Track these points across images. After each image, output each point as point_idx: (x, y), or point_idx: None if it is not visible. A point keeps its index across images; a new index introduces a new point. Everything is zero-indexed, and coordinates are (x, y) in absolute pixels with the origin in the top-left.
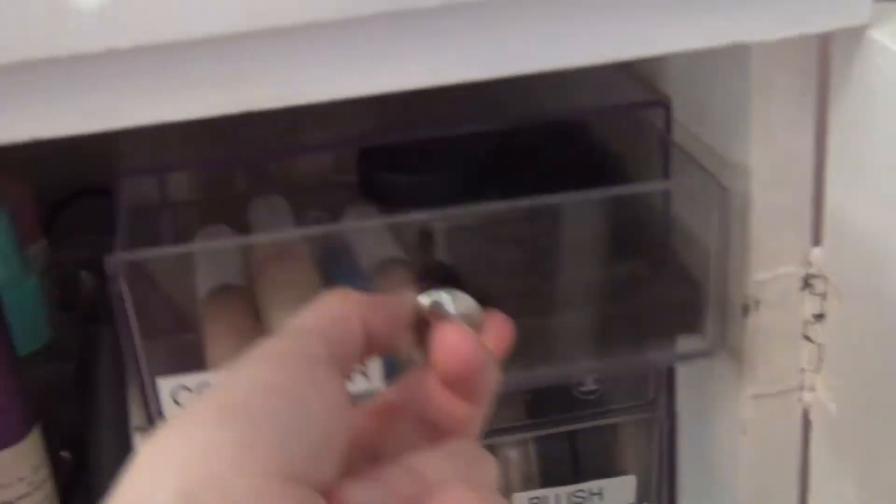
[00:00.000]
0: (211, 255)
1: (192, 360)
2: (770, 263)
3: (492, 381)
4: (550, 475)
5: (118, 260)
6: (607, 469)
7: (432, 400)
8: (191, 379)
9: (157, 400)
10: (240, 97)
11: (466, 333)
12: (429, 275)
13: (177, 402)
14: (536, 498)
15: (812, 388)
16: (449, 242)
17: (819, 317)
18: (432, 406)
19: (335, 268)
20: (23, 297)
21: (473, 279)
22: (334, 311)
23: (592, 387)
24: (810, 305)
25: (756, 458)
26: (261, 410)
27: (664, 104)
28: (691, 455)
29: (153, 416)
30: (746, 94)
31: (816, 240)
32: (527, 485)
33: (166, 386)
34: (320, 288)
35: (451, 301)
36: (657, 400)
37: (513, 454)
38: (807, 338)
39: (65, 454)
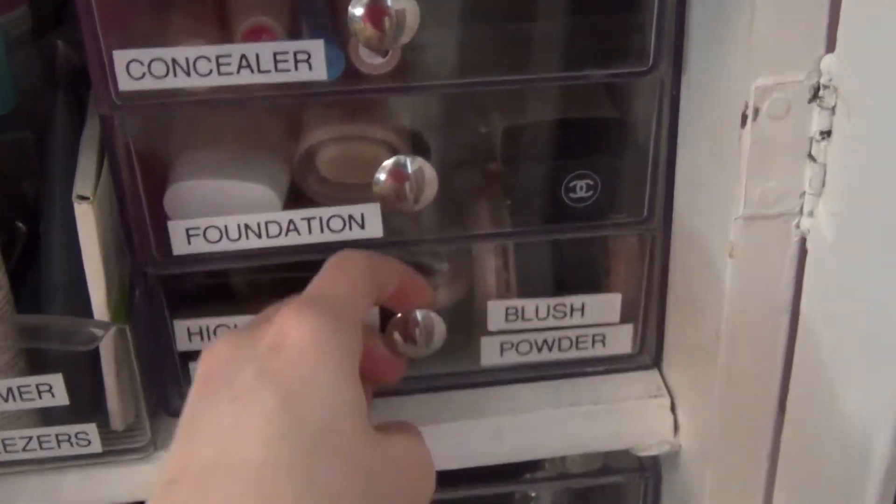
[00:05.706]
0: None
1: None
2: (775, 68)
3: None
4: (530, 286)
5: None
6: (592, 285)
7: None
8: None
9: (113, 74)
10: None
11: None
12: None
13: (131, 76)
14: (513, 308)
15: (811, 214)
16: None
17: (826, 134)
18: None
19: None
20: None
21: None
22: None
23: (584, 193)
24: (818, 120)
25: (744, 284)
26: (348, 372)
27: None
28: (677, 278)
29: (110, 93)
30: None
31: (830, 45)
32: (504, 294)
33: (121, 58)
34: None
35: None
36: (652, 215)
37: (491, 261)
38: (811, 157)
39: (20, 225)
